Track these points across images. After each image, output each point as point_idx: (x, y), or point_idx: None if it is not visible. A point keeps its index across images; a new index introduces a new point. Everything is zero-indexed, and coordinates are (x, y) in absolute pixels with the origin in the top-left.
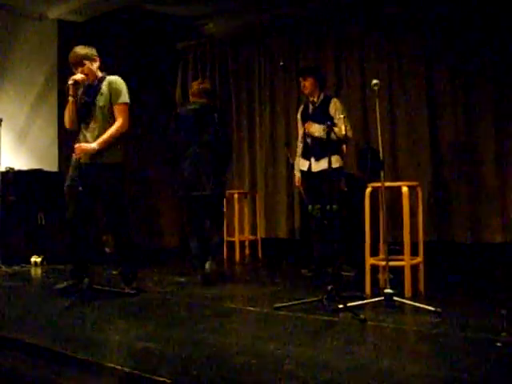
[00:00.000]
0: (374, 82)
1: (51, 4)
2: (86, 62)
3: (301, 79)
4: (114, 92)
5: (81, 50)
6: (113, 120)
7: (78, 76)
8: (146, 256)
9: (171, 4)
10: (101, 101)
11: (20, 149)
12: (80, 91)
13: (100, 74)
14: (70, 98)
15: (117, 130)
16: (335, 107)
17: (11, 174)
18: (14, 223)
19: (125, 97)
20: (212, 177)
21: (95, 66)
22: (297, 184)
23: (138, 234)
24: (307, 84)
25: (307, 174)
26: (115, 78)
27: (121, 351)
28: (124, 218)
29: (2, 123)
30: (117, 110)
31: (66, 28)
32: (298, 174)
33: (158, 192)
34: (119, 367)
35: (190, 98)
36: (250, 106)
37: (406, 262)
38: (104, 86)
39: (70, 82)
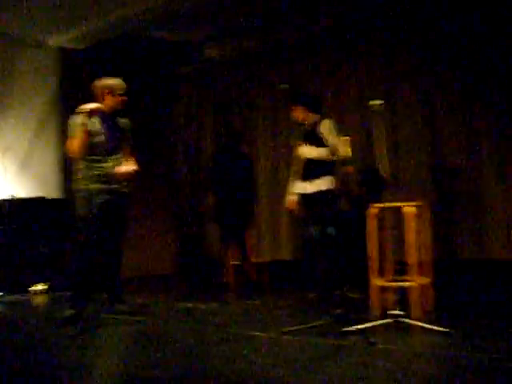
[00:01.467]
0: (376, 102)
1: (51, 32)
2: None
3: (292, 107)
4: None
5: (105, 82)
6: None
7: (93, 105)
8: (151, 282)
9: (172, 30)
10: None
11: (22, 176)
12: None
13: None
14: (83, 128)
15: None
16: (325, 127)
17: (14, 202)
18: (16, 251)
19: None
20: None
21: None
22: (288, 206)
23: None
24: (297, 112)
25: (304, 197)
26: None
27: (127, 381)
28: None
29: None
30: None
31: (67, 55)
32: (290, 197)
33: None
34: None
35: None
36: (252, 130)
37: (414, 282)
38: (122, 121)
39: (86, 110)
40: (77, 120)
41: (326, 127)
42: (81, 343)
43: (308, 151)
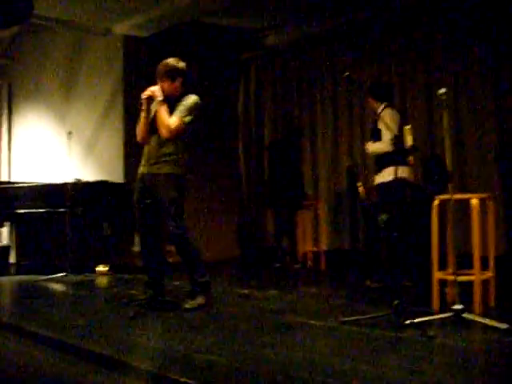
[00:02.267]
0: (442, 90)
1: (116, 20)
2: (166, 79)
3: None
4: (183, 105)
5: (170, 63)
6: (184, 136)
7: (150, 91)
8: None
9: (232, 16)
10: None
11: (87, 160)
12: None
13: (182, 91)
14: (143, 114)
15: (164, 123)
16: (384, 118)
17: (79, 186)
18: (81, 233)
19: (186, 114)
20: None
21: (177, 83)
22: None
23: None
24: (368, 103)
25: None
26: (192, 96)
27: (183, 363)
28: (182, 229)
29: (71, 136)
30: (173, 118)
31: (131, 43)
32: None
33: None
34: (183, 379)
35: None
36: (313, 117)
37: (476, 276)
38: (181, 101)
39: (144, 96)
40: (141, 107)
41: (384, 118)
42: (140, 324)
43: (368, 147)
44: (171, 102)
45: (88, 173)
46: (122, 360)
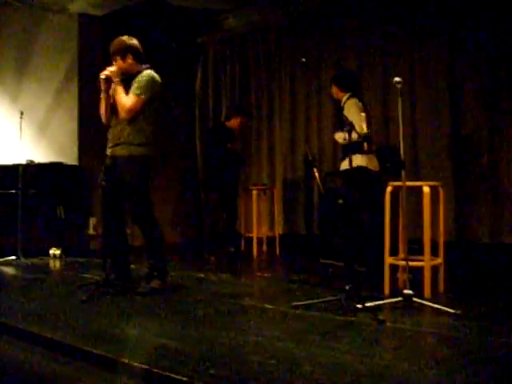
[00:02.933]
0: (397, 79)
1: None
2: (128, 54)
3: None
4: (136, 82)
5: (124, 41)
6: (143, 115)
7: (107, 71)
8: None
9: None
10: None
11: (40, 141)
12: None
13: (138, 68)
14: (102, 94)
15: (121, 103)
16: (347, 107)
17: (32, 167)
18: (33, 216)
19: (141, 91)
20: None
21: (128, 60)
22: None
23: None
24: (332, 92)
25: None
26: (147, 72)
27: (138, 348)
28: (146, 211)
29: (23, 116)
30: (129, 96)
31: (87, 21)
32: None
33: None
34: (136, 364)
35: None
36: (270, 101)
37: (426, 262)
38: (135, 79)
39: (102, 76)
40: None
41: (347, 107)
42: (92, 308)
43: (341, 136)
44: (128, 80)
45: (41, 154)
46: (71, 344)
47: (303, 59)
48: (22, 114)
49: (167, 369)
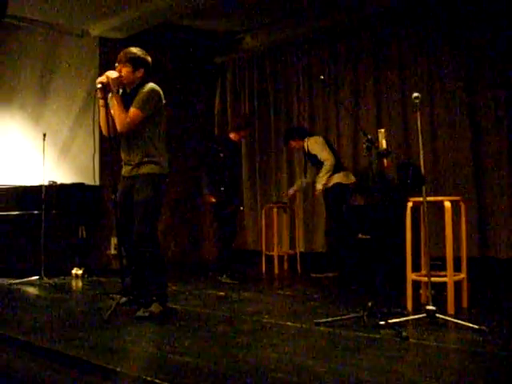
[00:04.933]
0: (415, 95)
1: (93, 21)
2: (128, 64)
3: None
4: (138, 95)
5: (130, 51)
6: (145, 127)
7: (104, 77)
8: (186, 268)
9: (209, 19)
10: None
11: (62, 163)
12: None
13: (143, 82)
14: (101, 101)
15: (118, 116)
16: (312, 147)
17: (54, 188)
18: (56, 236)
19: (142, 105)
20: None
21: (138, 73)
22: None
23: (176, 246)
24: (293, 146)
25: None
26: (149, 86)
27: (160, 366)
28: (153, 230)
29: (46, 137)
30: (130, 111)
31: (107, 44)
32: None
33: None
34: (158, 381)
35: None
36: (289, 119)
37: (449, 277)
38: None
39: (98, 85)
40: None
41: (312, 146)
42: (115, 328)
43: (319, 184)
44: (132, 95)
45: (63, 175)
46: (96, 363)
47: (321, 76)
48: (44, 135)
49: None
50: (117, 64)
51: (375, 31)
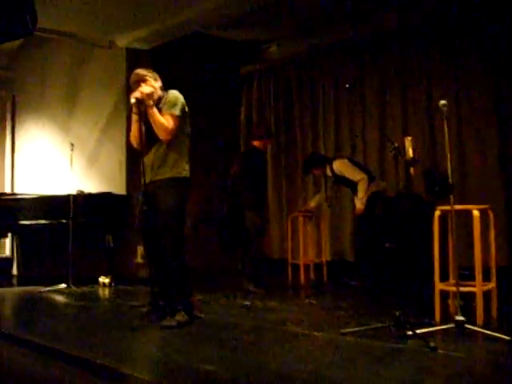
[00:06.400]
0: (442, 102)
1: (119, 33)
2: (149, 79)
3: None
4: (166, 103)
5: (142, 70)
6: (179, 137)
7: (138, 93)
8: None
9: (235, 29)
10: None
11: (90, 172)
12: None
13: (162, 93)
14: (135, 116)
15: (162, 124)
16: (340, 169)
17: (82, 197)
18: (83, 245)
19: (175, 109)
20: None
21: (158, 84)
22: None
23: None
24: (318, 174)
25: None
26: (172, 91)
27: (184, 374)
28: (180, 235)
29: (74, 147)
30: (164, 118)
31: (134, 55)
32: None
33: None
34: None
35: None
36: (315, 128)
37: (477, 287)
38: (162, 101)
39: (132, 100)
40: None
41: (340, 169)
42: (142, 336)
43: (360, 203)
44: (156, 106)
45: (90, 184)
46: (123, 371)
47: (347, 85)
48: (72, 145)
49: None
50: (142, 83)
51: (402, 41)
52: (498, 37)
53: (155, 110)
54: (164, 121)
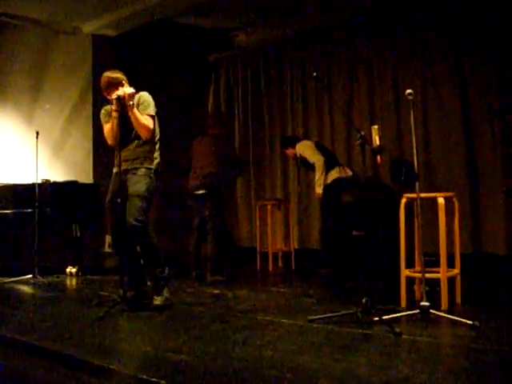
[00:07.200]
0: (408, 91)
1: (85, 19)
2: (125, 83)
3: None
4: (141, 103)
5: (115, 73)
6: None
7: (121, 92)
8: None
9: (202, 16)
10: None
11: (55, 161)
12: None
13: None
14: (114, 114)
15: (144, 124)
16: (302, 151)
17: (47, 186)
18: (49, 234)
19: (150, 109)
20: None
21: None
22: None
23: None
24: (289, 154)
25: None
26: (143, 93)
27: (151, 363)
28: (143, 221)
29: (39, 136)
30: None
31: (100, 42)
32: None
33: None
34: (154, 380)
35: None
36: (283, 116)
37: (442, 274)
38: (135, 102)
39: (114, 96)
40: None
41: (300, 150)
42: (110, 325)
43: (318, 187)
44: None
45: (56, 173)
46: (91, 362)
47: (314, 73)
48: (37, 134)
49: None
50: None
51: (369, 29)
52: (465, 27)
53: (136, 112)
54: (145, 121)
